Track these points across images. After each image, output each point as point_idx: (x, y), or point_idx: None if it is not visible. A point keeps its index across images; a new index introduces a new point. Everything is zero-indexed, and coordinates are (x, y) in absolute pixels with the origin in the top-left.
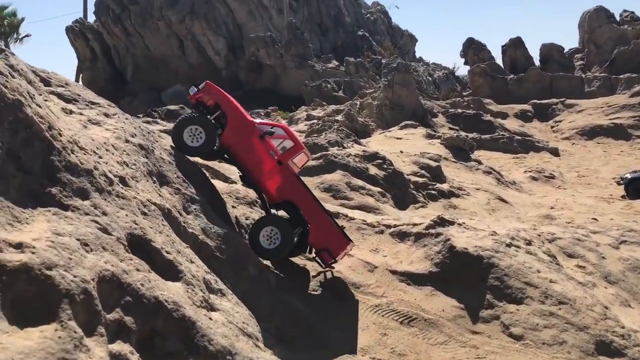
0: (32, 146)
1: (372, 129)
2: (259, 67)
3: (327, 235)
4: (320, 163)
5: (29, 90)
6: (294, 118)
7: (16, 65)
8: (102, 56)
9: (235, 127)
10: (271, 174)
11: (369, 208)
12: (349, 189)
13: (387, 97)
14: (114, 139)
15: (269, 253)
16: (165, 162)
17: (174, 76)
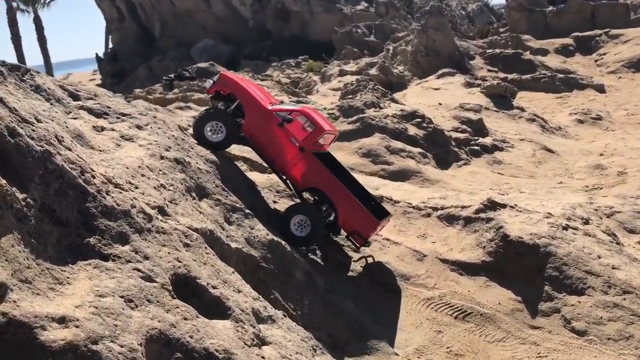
0: (66, 196)
1: (408, 80)
2: (286, 15)
3: (356, 218)
4: (357, 127)
5: (57, 133)
6: (326, 74)
7: (43, 85)
8: (129, 16)
9: (253, 117)
10: (294, 161)
11: (411, 172)
12: (388, 153)
13: (422, 42)
14: (148, 157)
15: (299, 240)
16: (203, 172)
17: (202, 30)
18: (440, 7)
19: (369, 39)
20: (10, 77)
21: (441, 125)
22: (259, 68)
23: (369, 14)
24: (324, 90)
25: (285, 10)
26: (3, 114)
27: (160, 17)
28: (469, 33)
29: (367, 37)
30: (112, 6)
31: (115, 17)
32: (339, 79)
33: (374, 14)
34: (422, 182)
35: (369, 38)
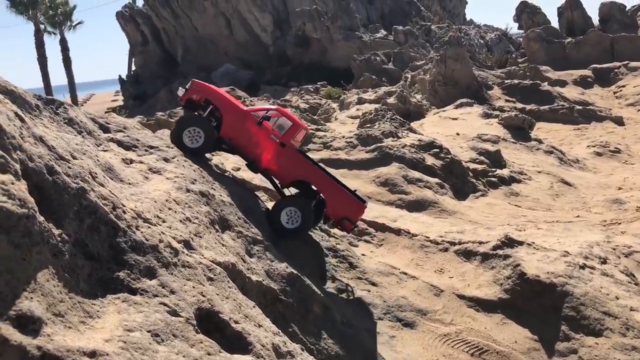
0: (98, 232)
1: (426, 109)
2: (305, 42)
3: (344, 205)
4: (375, 155)
5: (91, 169)
6: (344, 102)
7: (75, 118)
8: (153, 39)
9: (231, 119)
10: (277, 157)
11: (428, 202)
12: (405, 182)
13: (440, 72)
14: (175, 190)
15: (290, 232)
16: (226, 205)
17: (223, 55)
18: (459, 37)
19: (388, 67)
20: (46, 110)
21: (459, 156)
22: (278, 93)
23: (387, 42)
24: (343, 118)
25: (306, 37)
26: (43, 153)
27: (183, 41)
28: (487, 62)
29: (385, 64)
30: (137, 30)
31: (139, 41)
32: (358, 107)
33: (392, 42)
34: (439, 213)
35: (387, 66)
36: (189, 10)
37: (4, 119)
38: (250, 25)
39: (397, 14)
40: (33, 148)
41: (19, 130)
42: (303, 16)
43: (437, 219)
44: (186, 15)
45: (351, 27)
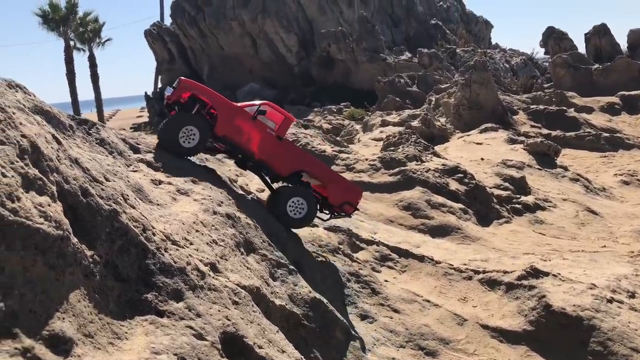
0: (128, 253)
1: (450, 133)
2: (330, 62)
3: (345, 190)
4: (398, 179)
5: (123, 191)
6: (368, 124)
7: (107, 139)
8: (179, 57)
9: (226, 116)
10: (275, 150)
11: (451, 228)
12: (429, 207)
13: (465, 96)
14: (202, 212)
15: (296, 222)
16: (251, 227)
17: (248, 74)
18: (485, 62)
19: (412, 89)
20: (79, 130)
21: (483, 182)
22: (301, 113)
23: (412, 65)
24: (366, 140)
25: (330, 58)
26: (78, 175)
27: (209, 60)
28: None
29: (409, 87)
30: (164, 48)
31: (166, 59)
32: (381, 129)
33: (417, 65)
34: (462, 239)
35: (411, 88)
36: (215, 30)
37: (42, 142)
38: (275, 45)
39: (422, 36)
40: (69, 170)
41: (56, 152)
42: (328, 37)
43: (460, 246)
44: (213, 35)
45: (376, 49)
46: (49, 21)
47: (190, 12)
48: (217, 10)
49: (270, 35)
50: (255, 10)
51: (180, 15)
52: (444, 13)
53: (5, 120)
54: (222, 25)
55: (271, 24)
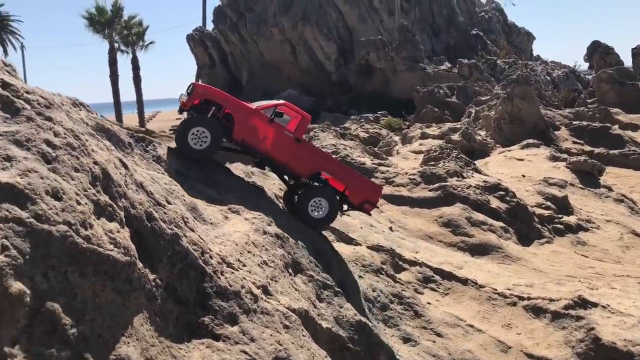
0: (187, 277)
1: (491, 147)
2: (368, 71)
3: (365, 189)
4: (438, 195)
5: (183, 214)
6: (407, 136)
7: (162, 156)
8: (220, 62)
9: (243, 119)
10: (295, 152)
11: (492, 247)
12: (469, 225)
13: (506, 110)
14: (253, 232)
15: (317, 222)
16: (299, 247)
17: (287, 81)
18: (528, 76)
19: (451, 100)
20: (137, 148)
21: (524, 200)
22: (338, 120)
23: (451, 75)
24: (405, 153)
25: (369, 67)
26: (143, 200)
27: (249, 66)
28: (553, 99)
29: (448, 97)
30: (205, 53)
31: (206, 63)
32: (421, 142)
33: (456, 75)
34: (503, 259)
35: (450, 99)
36: (256, 36)
37: (112, 168)
38: (314, 52)
39: (463, 46)
40: (135, 195)
41: (123, 178)
42: (368, 46)
43: (501, 267)
44: (253, 41)
45: (415, 59)
46: (95, 23)
47: (232, 18)
48: (258, 16)
49: (310, 42)
50: (296, 17)
51: (222, 21)
52: (486, 23)
53: (80, 148)
54: (262, 32)
55: (311, 32)
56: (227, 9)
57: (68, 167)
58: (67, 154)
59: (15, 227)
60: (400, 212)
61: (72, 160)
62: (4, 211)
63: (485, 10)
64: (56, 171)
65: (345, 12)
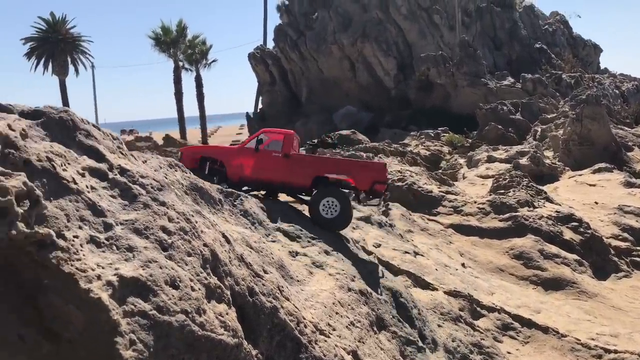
0: (284, 348)
1: (560, 171)
2: (429, 86)
3: (369, 171)
4: (509, 225)
5: (279, 283)
6: (473, 159)
7: (249, 210)
8: (280, 80)
9: (234, 161)
10: (289, 169)
11: (566, 282)
12: (542, 257)
13: (575, 131)
14: (338, 289)
15: (329, 223)
16: (382, 302)
17: (345, 97)
18: (598, 97)
19: (515, 117)
20: (226, 203)
21: (599, 231)
22: (397, 136)
23: (515, 90)
24: (471, 177)
25: (429, 82)
26: (245, 274)
27: (308, 83)
28: (623, 114)
29: (512, 115)
30: (266, 71)
31: (267, 81)
32: (487, 166)
33: (520, 90)
34: (578, 295)
35: (514, 116)
36: (316, 54)
37: (218, 247)
38: (374, 68)
39: (526, 60)
40: (238, 271)
41: (228, 255)
42: (428, 61)
43: (578, 305)
44: (313, 58)
45: (477, 74)
46: (161, 43)
47: (292, 37)
48: (318, 34)
49: (369, 58)
50: (355, 34)
51: (282, 39)
52: (549, 36)
53: (191, 231)
54: (322, 49)
55: (370, 48)
56: (287, 28)
57: (182, 253)
58: (181, 239)
59: (140, 320)
60: (470, 243)
61: (185, 245)
62: (130, 305)
63: (549, 23)
64: (172, 258)
65: (405, 28)
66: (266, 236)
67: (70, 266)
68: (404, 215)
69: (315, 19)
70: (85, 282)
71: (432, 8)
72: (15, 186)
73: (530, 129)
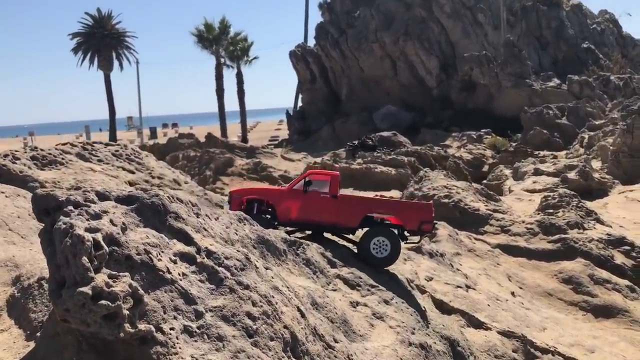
0: None
1: (609, 186)
2: (471, 86)
3: (416, 212)
4: (557, 247)
5: (349, 352)
6: (519, 171)
7: (311, 258)
8: (320, 78)
9: (283, 203)
10: (337, 210)
11: (617, 309)
12: (592, 283)
13: (626, 143)
14: (399, 344)
15: (381, 262)
16: (440, 354)
17: (386, 96)
18: None
19: (561, 122)
20: (289, 253)
21: None
22: (438, 138)
23: (560, 92)
24: (518, 191)
25: (472, 82)
26: (319, 350)
27: (349, 81)
28: None
29: (558, 119)
30: (307, 69)
31: (307, 79)
32: (534, 179)
33: (566, 92)
34: (630, 324)
35: (560, 120)
36: (357, 52)
37: (296, 325)
38: (415, 67)
39: (572, 61)
40: (313, 347)
41: (304, 331)
42: (471, 61)
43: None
44: (354, 56)
45: (521, 75)
46: (204, 40)
47: (333, 35)
48: (359, 32)
49: (411, 57)
50: (397, 32)
51: (323, 37)
52: (598, 36)
53: (273, 314)
54: (363, 47)
55: (412, 47)
56: (328, 26)
57: (266, 338)
58: (264, 324)
59: None
60: (517, 265)
61: (268, 330)
62: None
63: (598, 22)
64: (257, 345)
65: (448, 26)
66: (327, 284)
67: None
68: (451, 236)
69: (357, 17)
70: None
71: (477, 7)
72: (123, 290)
73: (576, 135)
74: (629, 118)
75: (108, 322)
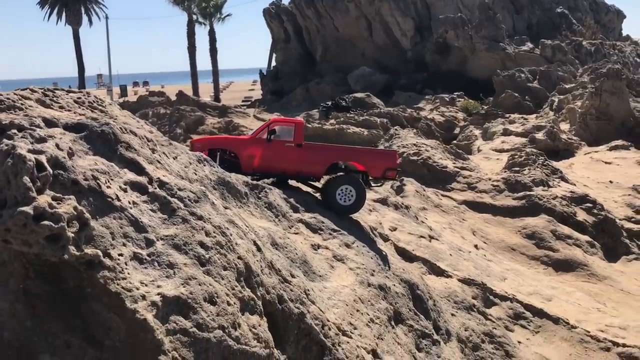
0: (310, 352)
1: (576, 147)
2: (446, 49)
3: (382, 159)
4: (522, 204)
5: (306, 287)
6: (488, 131)
7: (273, 202)
8: (294, 37)
9: (246, 151)
10: (301, 158)
11: (576, 264)
12: (554, 238)
13: (594, 105)
14: (358, 285)
15: (345, 209)
16: (399, 296)
17: (360, 57)
18: (619, 70)
19: (532, 85)
20: (251, 196)
21: (612, 212)
22: (412, 100)
23: (533, 56)
24: (486, 150)
25: (446, 45)
26: (275, 283)
27: (323, 41)
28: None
29: (530, 82)
30: (281, 27)
31: (281, 38)
32: (503, 139)
33: (538, 57)
34: (588, 277)
35: (532, 84)
36: (332, 11)
37: (251, 257)
38: (390, 28)
39: (546, 25)
40: (268, 279)
41: (259, 264)
42: (446, 23)
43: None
44: (329, 16)
45: (495, 38)
46: None
47: None
48: None
49: (386, 18)
50: None
51: None
52: (572, 1)
53: (227, 245)
54: (338, 7)
55: (388, 7)
56: None
57: (218, 267)
58: (217, 253)
59: (182, 338)
60: (483, 220)
61: (221, 259)
62: (172, 324)
63: None
64: (210, 273)
65: None
66: (289, 228)
67: (117, 285)
68: (418, 192)
69: None
70: (131, 302)
71: None
72: (67, 212)
73: (547, 98)
74: (597, 81)
75: (51, 244)
